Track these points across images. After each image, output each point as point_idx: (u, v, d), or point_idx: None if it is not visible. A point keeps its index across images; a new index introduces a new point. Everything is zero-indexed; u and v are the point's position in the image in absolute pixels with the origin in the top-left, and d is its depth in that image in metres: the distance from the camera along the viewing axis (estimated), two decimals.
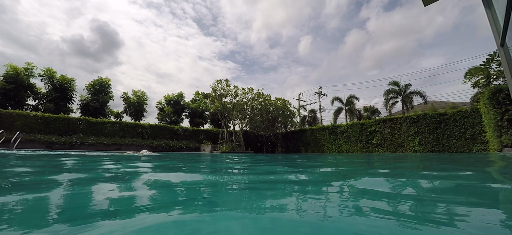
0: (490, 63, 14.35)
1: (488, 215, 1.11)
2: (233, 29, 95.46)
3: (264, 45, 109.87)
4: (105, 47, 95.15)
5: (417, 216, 1.08)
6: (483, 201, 1.44)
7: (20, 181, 2.08)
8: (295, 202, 1.37)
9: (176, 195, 1.62)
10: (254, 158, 8.04)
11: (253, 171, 3.32)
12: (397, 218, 1.02)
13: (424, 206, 1.26)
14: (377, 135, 16.01)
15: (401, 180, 2.25)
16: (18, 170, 3.02)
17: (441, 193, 1.67)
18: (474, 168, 3.68)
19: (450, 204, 1.29)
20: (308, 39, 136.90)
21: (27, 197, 1.37)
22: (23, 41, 58.82)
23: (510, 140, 8.94)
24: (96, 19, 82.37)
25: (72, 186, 1.82)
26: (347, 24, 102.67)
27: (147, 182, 2.04)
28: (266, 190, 1.83)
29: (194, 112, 31.00)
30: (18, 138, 12.89)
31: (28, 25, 54.86)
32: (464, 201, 1.42)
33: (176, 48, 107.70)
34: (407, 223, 0.94)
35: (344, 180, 2.35)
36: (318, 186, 2.06)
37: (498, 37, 2.77)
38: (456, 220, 1.02)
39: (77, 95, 24.27)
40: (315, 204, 1.28)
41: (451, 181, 2.25)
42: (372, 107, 32.22)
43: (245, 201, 1.40)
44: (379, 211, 1.12)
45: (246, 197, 1.53)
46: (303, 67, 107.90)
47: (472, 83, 16.06)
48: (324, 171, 3.42)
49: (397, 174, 2.84)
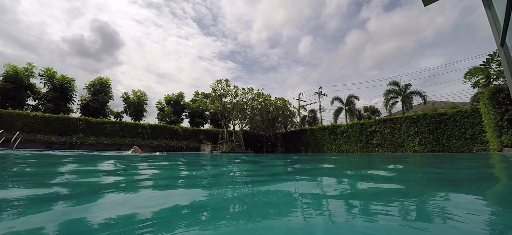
0: (490, 63, 14.35)
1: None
2: (233, 29, 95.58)
3: (264, 45, 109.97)
4: (106, 47, 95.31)
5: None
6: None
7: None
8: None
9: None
10: (264, 161, 6.01)
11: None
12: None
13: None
14: (377, 135, 16.01)
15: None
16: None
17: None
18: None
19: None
20: (308, 39, 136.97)
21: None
22: (23, 41, 58.87)
23: (510, 139, 8.93)
24: (96, 19, 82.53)
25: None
26: (347, 24, 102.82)
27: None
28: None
29: (194, 113, 30.99)
30: (18, 138, 12.89)
31: (28, 25, 54.91)
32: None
33: (176, 48, 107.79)
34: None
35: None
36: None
37: (498, 37, 2.77)
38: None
39: (77, 95, 24.28)
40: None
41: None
42: (372, 107, 32.21)
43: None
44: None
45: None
46: (303, 67, 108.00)
47: (472, 83, 16.06)
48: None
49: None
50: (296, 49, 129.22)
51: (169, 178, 2.62)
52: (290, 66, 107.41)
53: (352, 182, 2.26)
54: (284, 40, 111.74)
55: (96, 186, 1.95)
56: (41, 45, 60.64)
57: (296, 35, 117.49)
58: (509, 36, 2.47)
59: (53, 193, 1.58)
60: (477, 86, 15.78)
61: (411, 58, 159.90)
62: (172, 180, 2.42)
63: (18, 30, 54.57)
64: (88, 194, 1.59)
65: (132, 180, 2.33)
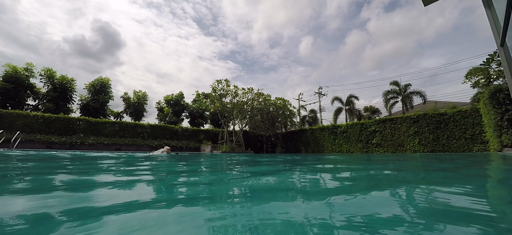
0: (490, 63, 14.35)
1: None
2: (233, 29, 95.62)
3: (265, 45, 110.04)
4: (107, 47, 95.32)
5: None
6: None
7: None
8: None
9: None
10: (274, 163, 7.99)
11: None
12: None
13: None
14: (377, 135, 16.01)
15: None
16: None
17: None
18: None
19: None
20: (309, 40, 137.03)
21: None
22: (24, 41, 58.85)
23: (510, 139, 8.93)
24: (97, 19, 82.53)
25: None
26: (348, 25, 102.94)
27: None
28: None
29: (194, 113, 30.99)
30: (18, 138, 12.90)
31: (29, 25, 54.90)
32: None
33: (176, 48, 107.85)
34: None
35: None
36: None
37: (498, 37, 2.77)
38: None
39: (77, 95, 24.28)
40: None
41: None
42: (373, 107, 32.19)
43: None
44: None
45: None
46: (303, 67, 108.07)
47: (472, 83, 16.06)
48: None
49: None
50: (296, 49, 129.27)
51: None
52: (290, 66, 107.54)
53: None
54: (285, 41, 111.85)
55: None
56: (42, 45, 60.69)
57: (296, 35, 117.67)
58: (509, 36, 2.47)
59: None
60: (477, 86, 15.77)
61: (411, 59, 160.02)
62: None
63: (18, 30, 54.57)
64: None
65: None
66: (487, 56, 14.37)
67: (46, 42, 59.37)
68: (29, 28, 56.69)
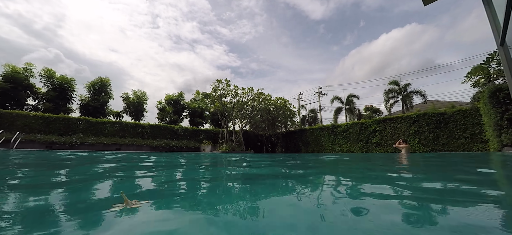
0: (490, 62, 14.32)
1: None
2: (233, 29, 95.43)
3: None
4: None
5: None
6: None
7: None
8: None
9: None
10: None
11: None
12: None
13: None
14: (377, 134, 16.01)
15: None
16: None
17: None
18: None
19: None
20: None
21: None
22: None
23: (510, 139, 8.93)
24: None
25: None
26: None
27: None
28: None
29: (194, 112, 30.99)
30: (18, 138, 12.90)
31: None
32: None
33: (175, 48, 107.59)
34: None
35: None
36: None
37: (498, 36, 2.77)
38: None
39: (77, 95, 24.26)
40: None
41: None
42: (373, 107, 32.18)
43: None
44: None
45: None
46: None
47: (472, 83, 16.02)
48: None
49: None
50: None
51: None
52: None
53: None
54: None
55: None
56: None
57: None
58: (509, 35, 2.47)
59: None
60: (477, 86, 15.74)
61: (411, 59, 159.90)
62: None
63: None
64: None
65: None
66: (487, 56, 14.34)
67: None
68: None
